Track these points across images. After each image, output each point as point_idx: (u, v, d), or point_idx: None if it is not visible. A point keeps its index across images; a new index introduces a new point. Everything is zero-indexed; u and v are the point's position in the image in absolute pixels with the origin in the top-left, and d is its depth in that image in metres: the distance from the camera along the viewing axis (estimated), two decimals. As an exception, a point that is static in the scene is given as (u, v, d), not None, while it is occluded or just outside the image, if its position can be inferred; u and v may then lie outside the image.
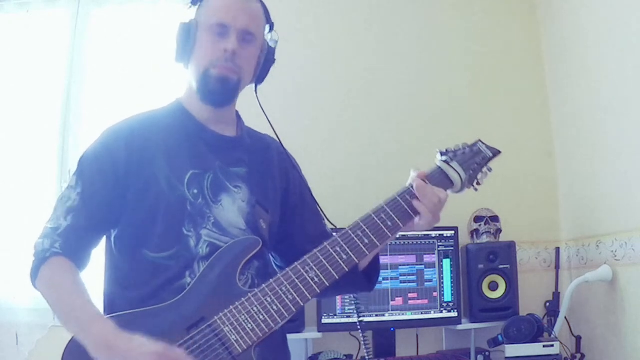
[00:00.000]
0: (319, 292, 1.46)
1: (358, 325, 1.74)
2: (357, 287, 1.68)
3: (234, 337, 1.38)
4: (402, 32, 3.46)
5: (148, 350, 1.30)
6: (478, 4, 3.53)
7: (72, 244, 1.46)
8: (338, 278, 1.47)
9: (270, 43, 1.66)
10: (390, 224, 1.53)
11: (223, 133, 1.63)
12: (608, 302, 2.93)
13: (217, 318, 1.40)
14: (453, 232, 3.08)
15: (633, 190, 2.76)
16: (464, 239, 3.19)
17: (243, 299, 1.42)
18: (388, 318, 3.01)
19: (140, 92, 3.20)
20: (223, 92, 1.59)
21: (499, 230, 3.19)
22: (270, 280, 1.45)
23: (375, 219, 1.53)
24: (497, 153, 1.70)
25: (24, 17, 3.20)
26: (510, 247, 3.09)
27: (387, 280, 3.01)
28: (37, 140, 3.18)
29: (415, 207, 1.54)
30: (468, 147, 1.68)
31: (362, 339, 1.78)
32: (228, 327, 1.39)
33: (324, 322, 2.95)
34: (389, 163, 3.23)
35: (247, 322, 1.40)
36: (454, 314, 3.05)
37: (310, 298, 1.46)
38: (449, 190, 1.61)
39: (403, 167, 1.65)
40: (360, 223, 1.52)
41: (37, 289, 1.48)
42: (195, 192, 1.53)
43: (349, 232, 1.51)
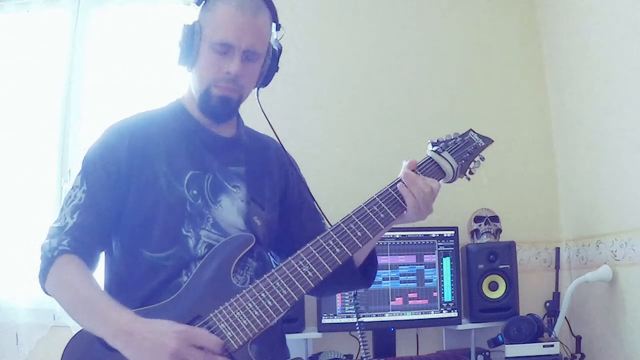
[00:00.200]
0: (313, 286, 1.45)
1: (357, 326, 1.73)
2: (353, 283, 1.67)
3: (230, 333, 1.38)
4: (401, 30, 3.45)
5: (169, 333, 1.30)
6: (478, 3, 3.53)
7: (80, 242, 1.46)
8: (332, 271, 1.47)
9: (274, 45, 1.63)
10: (383, 216, 1.52)
11: (222, 134, 1.63)
12: (608, 302, 2.93)
13: (212, 315, 1.39)
14: (453, 232, 3.08)
15: (633, 190, 2.75)
16: (464, 239, 3.19)
17: (238, 296, 1.42)
18: (388, 318, 3.00)
19: (140, 92, 3.20)
20: (224, 110, 1.59)
21: (499, 230, 3.19)
22: (265, 276, 1.45)
23: (368, 211, 1.52)
24: (489, 142, 1.70)
25: (24, 17, 3.20)
26: (510, 247, 3.09)
27: (387, 280, 3.01)
28: (37, 140, 3.17)
29: (403, 195, 1.53)
30: (459, 136, 1.67)
31: (361, 341, 1.76)
32: (223, 324, 1.39)
33: (324, 322, 2.94)
34: (388, 162, 3.17)
35: (242, 318, 1.40)
36: (454, 314, 3.04)
37: (305, 292, 1.45)
38: (442, 181, 1.60)
39: (401, 165, 1.62)
40: (353, 216, 1.52)
41: (47, 292, 1.47)
42: (195, 192, 1.53)
43: (342, 225, 1.50)
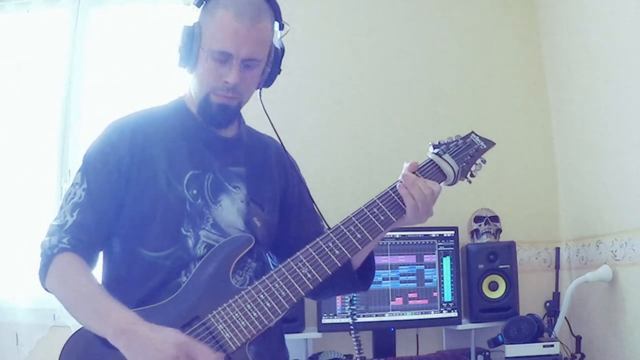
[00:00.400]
0: (312, 287, 1.45)
1: (350, 326, 1.73)
2: (351, 286, 1.67)
3: (228, 334, 1.38)
4: (401, 30, 3.44)
5: (171, 341, 1.30)
6: (478, 3, 3.52)
7: (80, 240, 1.45)
8: (331, 273, 1.46)
9: (277, 45, 1.61)
10: (383, 218, 1.52)
11: (223, 134, 1.62)
12: (608, 302, 2.93)
13: (210, 316, 1.39)
14: (453, 232, 3.08)
15: (633, 190, 2.75)
16: (464, 239, 3.19)
17: (236, 297, 1.42)
18: (388, 318, 3.00)
19: (141, 92, 3.20)
20: (223, 117, 1.58)
21: (499, 230, 3.19)
22: (264, 277, 1.45)
23: (368, 213, 1.52)
24: (491, 145, 1.69)
25: (24, 17, 3.20)
26: (510, 247, 3.09)
27: (387, 280, 3.01)
28: (37, 140, 3.17)
29: (403, 197, 1.52)
30: (461, 139, 1.67)
31: (354, 341, 1.76)
32: (222, 324, 1.38)
33: (324, 322, 2.94)
34: (388, 162, 3.21)
35: (240, 319, 1.39)
36: (454, 314, 3.04)
37: (304, 294, 1.45)
38: (442, 183, 1.60)
39: (402, 167, 1.62)
40: (353, 218, 1.51)
41: (46, 289, 1.46)
42: (195, 192, 1.52)
43: (342, 227, 1.50)
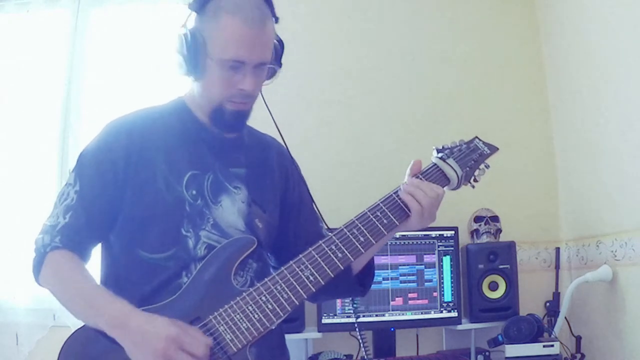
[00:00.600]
0: (314, 290, 1.45)
1: (355, 325, 1.73)
2: (349, 291, 1.67)
3: (229, 336, 1.38)
4: (400, 29, 3.44)
5: (164, 333, 1.30)
6: (478, 3, 3.52)
7: (71, 239, 1.45)
8: (333, 276, 1.46)
9: (276, 40, 1.60)
10: (386, 222, 1.52)
11: (225, 134, 1.61)
12: (608, 302, 2.93)
13: (211, 317, 1.39)
14: (453, 232, 3.08)
15: (633, 190, 2.75)
16: (464, 239, 3.19)
17: (238, 298, 1.42)
18: (388, 318, 3.00)
19: (140, 92, 3.20)
20: (238, 123, 1.58)
21: (499, 230, 3.19)
22: (266, 279, 1.45)
23: (371, 217, 1.52)
24: (494, 150, 1.70)
25: (24, 17, 3.20)
26: (510, 247, 3.09)
27: (387, 280, 3.01)
28: (37, 140, 3.17)
29: (407, 201, 1.53)
30: (465, 143, 1.67)
31: (360, 338, 1.76)
32: (223, 326, 1.38)
33: (324, 322, 2.94)
34: (388, 162, 3.22)
35: (242, 321, 1.39)
36: (454, 314, 3.04)
37: (306, 297, 1.45)
38: (446, 188, 1.61)
39: (402, 167, 1.64)
40: (356, 221, 1.51)
41: (40, 284, 1.47)
42: (194, 192, 1.51)
43: (345, 230, 1.50)
